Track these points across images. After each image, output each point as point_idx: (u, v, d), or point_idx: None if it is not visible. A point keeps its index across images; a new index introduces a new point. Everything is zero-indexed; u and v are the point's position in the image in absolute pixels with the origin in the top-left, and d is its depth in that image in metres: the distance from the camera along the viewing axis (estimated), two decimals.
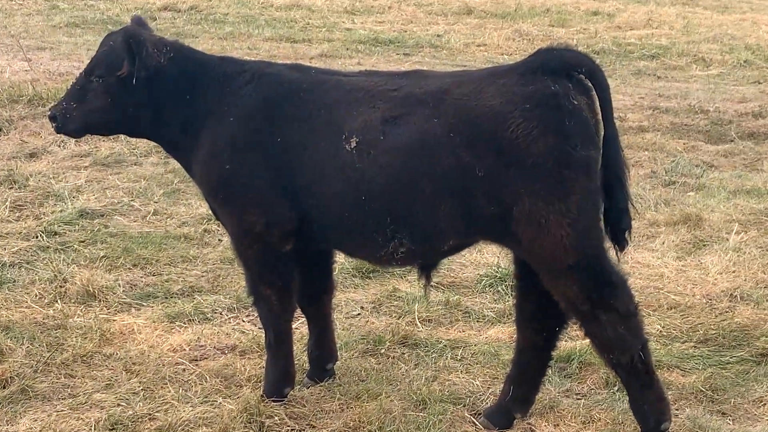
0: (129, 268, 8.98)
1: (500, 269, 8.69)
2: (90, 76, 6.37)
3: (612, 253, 6.04)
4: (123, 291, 8.43)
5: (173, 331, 7.76)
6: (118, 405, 6.63)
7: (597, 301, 5.87)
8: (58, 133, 6.53)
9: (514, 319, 6.53)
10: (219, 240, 9.68)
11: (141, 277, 8.85)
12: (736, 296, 8.24)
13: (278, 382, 6.66)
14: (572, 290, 5.88)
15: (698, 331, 7.59)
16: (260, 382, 6.86)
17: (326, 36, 22.20)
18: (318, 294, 6.92)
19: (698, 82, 17.99)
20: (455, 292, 8.46)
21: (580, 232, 5.80)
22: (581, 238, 5.81)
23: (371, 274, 8.76)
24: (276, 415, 6.42)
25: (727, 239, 9.50)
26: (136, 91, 6.32)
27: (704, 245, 9.46)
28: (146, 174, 11.72)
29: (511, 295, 8.19)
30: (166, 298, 8.41)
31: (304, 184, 6.21)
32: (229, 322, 7.97)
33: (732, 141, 13.53)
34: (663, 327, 7.71)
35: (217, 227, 9.92)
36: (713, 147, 13.22)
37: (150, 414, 6.50)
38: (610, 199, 5.98)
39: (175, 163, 11.89)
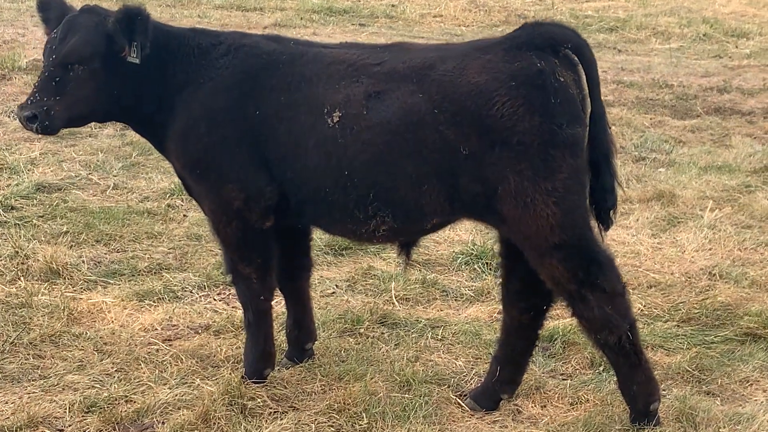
0: (92, 245, 8.72)
1: (475, 246, 8.54)
2: (69, 65, 5.92)
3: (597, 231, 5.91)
4: (88, 268, 8.18)
5: (143, 310, 7.52)
6: (92, 387, 6.41)
7: (584, 280, 5.73)
8: (39, 133, 6.00)
9: (500, 298, 6.35)
10: (184, 215, 9.45)
11: (105, 253, 8.60)
12: (714, 274, 8.15)
13: (258, 363, 6.45)
14: (558, 269, 5.74)
15: (680, 309, 7.49)
16: (238, 362, 6.67)
17: (278, 4, 21.89)
18: (296, 272, 6.73)
19: (659, 56, 17.93)
20: (431, 271, 8.30)
21: (566, 211, 5.65)
22: (567, 217, 5.67)
23: (344, 252, 8.58)
24: (258, 397, 6.22)
25: (702, 216, 9.42)
26: (121, 72, 6.03)
27: (678, 222, 9.37)
28: (103, 146, 11.44)
29: (495, 274, 8.12)
30: (133, 275, 8.17)
31: (283, 158, 6.01)
32: (200, 301, 7.75)
33: (698, 116, 13.47)
34: (644, 306, 7.60)
35: (182, 202, 9.71)
36: (680, 122, 13.15)
37: (126, 396, 6.27)
38: (596, 178, 5.85)
39: (132, 135, 11.68)
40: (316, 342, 6.91)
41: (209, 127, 6.07)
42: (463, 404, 6.31)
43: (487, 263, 8.33)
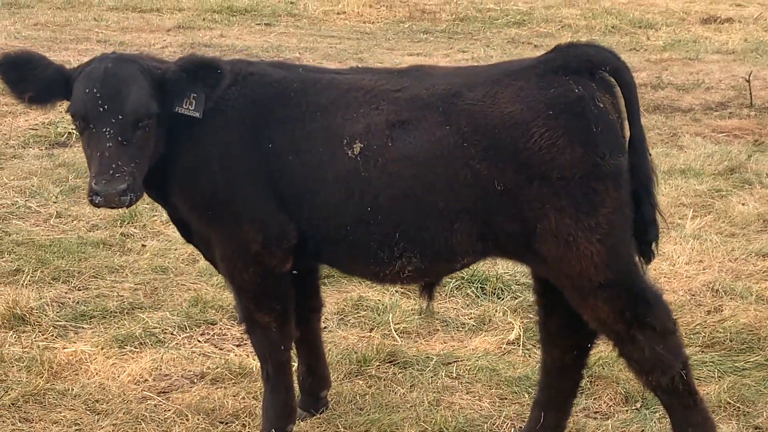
0: (50, 283, 8.06)
1: (465, 270, 8.07)
2: (138, 121, 5.21)
3: None
4: (54, 312, 7.49)
5: (126, 357, 6.91)
6: None
7: (631, 320, 5.31)
8: (129, 206, 5.23)
9: (538, 338, 5.93)
10: (142, 245, 8.82)
11: (66, 292, 7.95)
12: (717, 290, 7.84)
13: (280, 418, 5.90)
14: (604, 310, 5.32)
15: (700, 333, 7.12)
16: (249, 417, 6.15)
17: (175, 5, 21.18)
18: (307, 314, 6.21)
19: None
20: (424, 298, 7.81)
21: (611, 248, 5.24)
22: (612, 254, 5.25)
23: (326, 281, 8.02)
24: None
25: (682, 225, 9.14)
26: (162, 119, 5.40)
27: (661, 232, 9.01)
28: (33, 169, 10.72)
29: (491, 299, 7.72)
30: (104, 317, 7.53)
31: (299, 195, 5.48)
32: (186, 344, 7.16)
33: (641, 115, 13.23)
34: None
35: (136, 230, 9.11)
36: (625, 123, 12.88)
37: None
38: (637, 209, 5.43)
39: (63, 156, 10.98)
40: None
41: (222, 162, 5.50)
42: None
43: (481, 287, 7.90)
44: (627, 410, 6.32)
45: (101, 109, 5.12)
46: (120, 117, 5.13)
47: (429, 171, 5.27)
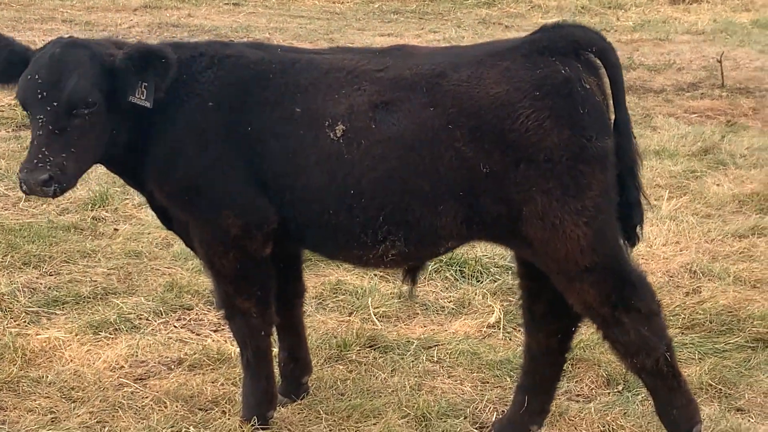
0: (20, 268, 7.90)
1: None
2: (74, 110, 5.08)
3: None
4: (26, 298, 7.35)
5: (101, 344, 6.79)
6: None
7: (617, 302, 5.26)
8: (55, 196, 5.10)
9: (522, 322, 5.86)
10: (114, 229, 8.71)
11: (37, 278, 7.80)
12: (695, 271, 7.82)
13: (260, 405, 5.82)
14: (590, 293, 5.26)
15: (679, 315, 7.08)
16: (228, 403, 6.05)
17: None
18: (290, 299, 6.12)
19: None
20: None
21: (597, 231, 5.17)
22: (599, 237, 5.18)
23: (304, 265, 7.92)
24: None
25: (659, 206, 9.11)
26: (120, 108, 5.27)
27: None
28: (0, 152, 10.50)
29: (470, 282, 7.66)
30: (78, 303, 7.39)
31: (280, 178, 5.37)
32: (162, 330, 7.05)
33: None
34: None
35: (108, 214, 8.96)
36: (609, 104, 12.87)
37: None
38: (622, 192, 5.36)
39: (28, 137, 10.77)
40: None
41: (198, 148, 5.39)
42: None
43: (460, 270, 7.82)
44: (609, 393, 6.29)
45: (39, 96, 5.04)
46: (54, 104, 5.03)
47: (413, 153, 5.18)
